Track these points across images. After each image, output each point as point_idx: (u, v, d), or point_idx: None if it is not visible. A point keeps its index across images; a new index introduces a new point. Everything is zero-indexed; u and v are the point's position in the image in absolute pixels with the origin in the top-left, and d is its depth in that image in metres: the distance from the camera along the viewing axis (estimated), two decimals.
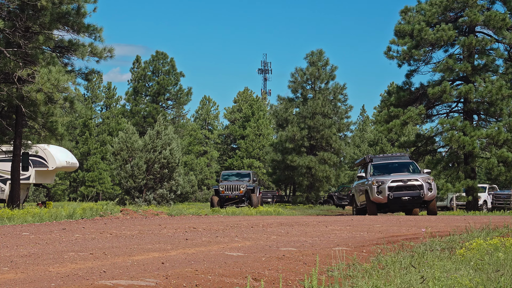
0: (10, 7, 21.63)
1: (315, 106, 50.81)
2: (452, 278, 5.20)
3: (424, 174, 22.89)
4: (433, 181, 22.85)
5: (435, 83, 33.90)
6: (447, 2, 33.75)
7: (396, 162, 24.61)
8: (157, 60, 67.36)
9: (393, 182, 22.48)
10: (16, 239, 8.07)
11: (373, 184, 22.70)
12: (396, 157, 25.07)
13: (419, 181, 22.34)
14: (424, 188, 22.25)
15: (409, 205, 22.76)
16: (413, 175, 22.82)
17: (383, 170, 24.14)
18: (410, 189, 22.37)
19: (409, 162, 24.46)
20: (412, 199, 22.29)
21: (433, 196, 22.43)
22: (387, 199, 22.30)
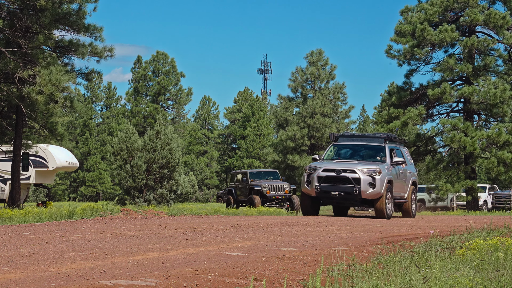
0: (10, 7, 21.63)
1: (314, 106, 50.82)
2: (453, 278, 5.20)
3: (379, 165, 18.11)
4: (388, 175, 18.21)
5: (435, 84, 33.92)
6: (447, 2, 33.76)
7: (364, 146, 19.59)
8: (157, 60, 67.37)
9: (325, 171, 17.98)
10: (16, 239, 8.07)
11: (305, 171, 18.53)
12: (368, 138, 19.80)
13: (357, 174, 17.57)
14: (362, 183, 17.49)
15: (342, 202, 18.69)
16: (359, 165, 18.01)
17: (345, 154, 19.58)
18: (342, 183, 17.76)
19: (380, 146, 19.21)
20: (344, 195, 17.78)
21: (377, 194, 17.64)
22: (315, 192, 18.01)
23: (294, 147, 51.38)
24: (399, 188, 19.19)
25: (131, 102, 67.91)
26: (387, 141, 19.39)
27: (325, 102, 51.57)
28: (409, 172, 20.12)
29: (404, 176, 19.65)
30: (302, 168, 50.86)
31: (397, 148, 19.93)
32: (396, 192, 19.05)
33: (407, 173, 19.91)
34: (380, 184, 17.62)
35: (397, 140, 20.56)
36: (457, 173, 34.35)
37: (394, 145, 19.87)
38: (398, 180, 19.07)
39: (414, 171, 20.96)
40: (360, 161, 18.61)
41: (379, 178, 17.60)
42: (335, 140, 20.05)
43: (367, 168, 17.74)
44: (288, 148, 51.64)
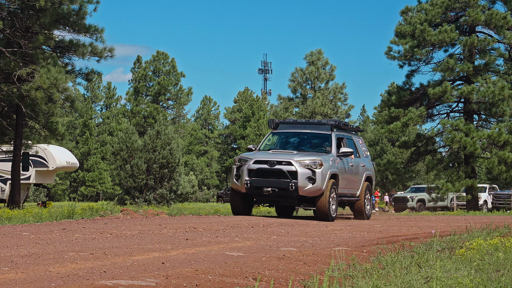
0: (10, 7, 21.64)
1: (314, 106, 50.84)
2: (453, 278, 5.20)
3: (321, 156, 15.41)
4: (333, 168, 15.56)
5: (436, 83, 33.93)
6: (448, 2, 33.78)
7: (307, 134, 16.86)
8: (157, 60, 67.40)
9: (256, 163, 15.24)
10: (16, 239, 8.08)
11: (234, 163, 15.81)
12: (313, 125, 17.03)
13: (294, 167, 14.84)
14: (300, 177, 14.73)
15: (276, 200, 15.78)
16: (297, 156, 15.29)
17: (285, 143, 16.85)
18: (277, 177, 15.01)
19: (325, 135, 16.53)
20: (279, 192, 14.98)
21: (317, 190, 14.92)
22: (245, 187, 15.24)
23: None
24: (348, 184, 16.69)
25: (131, 102, 67.94)
26: (334, 128, 16.78)
27: (325, 102, 51.60)
28: (362, 166, 17.54)
29: (356, 170, 17.14)
30: None
31: (348, 137, 17.35)
32: (345, 189, 16.55)
33: (359, 167, 17.37)
34: (321, 179, 14.85)
35: (349, 128, 17.96)
36: (457, 173, 34.36)
37: (344, 133, 17.22)
38: (347, 175, 16.51)
39: (370, 165, 18.28)
40: (300, 151, 15.92)
41: (320, 171, 14.85)
42: (275, 127, 17.33)
43: (306, 160, 14.97)
44: None
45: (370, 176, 18.04)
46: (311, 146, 16.60)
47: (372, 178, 18.22)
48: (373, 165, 18.72)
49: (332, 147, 16.19)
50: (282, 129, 17.24)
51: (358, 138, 18.36)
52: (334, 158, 15.88)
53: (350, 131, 18.04)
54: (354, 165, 17.03)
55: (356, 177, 17.19)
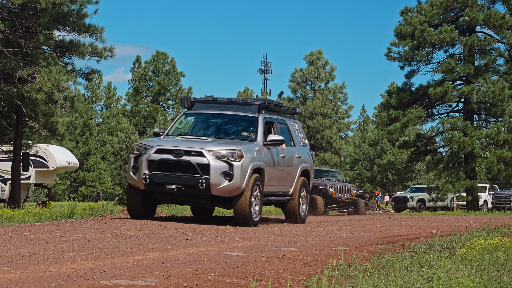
0: (10, 8, 21.65)
1: (314, 106, 50.85)
2: (453, 278, 5.20)
3: (243, 145, 12.30)
4: (258, 160, 12.40)
5: (436, 83, 33.95)
6: (447, 2, 33.80)
7: (228, 116, 13.64)
8: (157, 60, 67.40)
9: (159, 152, 12.14)
10: (16, 239, 8.08)
11: (132, 151, 12.58)
12: (236, 105, 13.67)
13: (205, 158, 11.80)
14: (213, 172, 11.74)
15: (183, 200, 12.93)
16: (211, 144, 12.15)
17: (200, 127, 13.72)
18: (184, 171, 11.93)
19: (250, 118, 13.36)
20: (185, 190, 11.96)
21: (235, 189, 11.85)
22: (143, 183, 12.05)
23: None
24: (279, 179, 13.51)
25: (131, 102, 67.94)
26: (263, 110, 13.52)
27: (325, 102, 51.60)
28: (297, 157, 14.21)
29: (289, 162, 13.86)
30: None
31: (281, 121, 14.21)
32: (274, 186, 13.37)
33: (294, 158, 14.08)
34: (240, 174, 11.82)
35: (283, 110, 14.75)
36: (457, 173, 34.38)
37: (275, 116, 14.07)
38: (277, 168, 13.35)
39: (308, 156, 14.92)
40: (218, 138, 12.89)
41: (239, 165, 11.82)
42: (190, 106, 13.97)
43: (222, 150, 11.94)
44: None
45: (308, 169, 14.68)
46: (232, 132, 13.45)
47: (310, 172, 14.90)
48: (311, 155, 15.23)
49: (258, 133, 12.98)
50: (198, 110, 13.85)
51: (295, 122, 15.06)
52: (260, 147, 12.68)
53: (284, 113, 14.79)
54: (287, 156, 13.68)
55: (289, 171, 13.87)
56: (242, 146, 12.21)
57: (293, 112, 15.49)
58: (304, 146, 15.02)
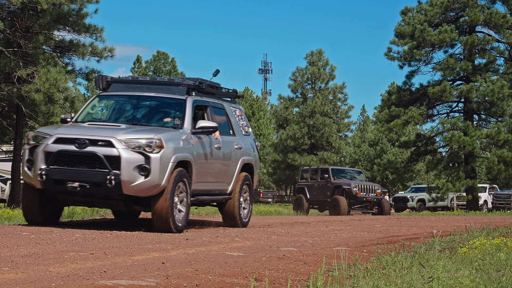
0: (10, 8, 21.67)
1: (314, 105, 50.88)
2: (454, 278, 5.21)
3: (164, 132, 10.16)
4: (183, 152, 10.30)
5: (436, 83, 33.96)
6: (447, 2, 33.83)
7: (151, 99, 11.46)
8: (158, 60, 67.37)
9: (58, 142, 9.89)
10: (16, 239, 8.08)
11: (27, 141, 10.20)
12: (160, 87, 11.46)
13: (115, 149, 9.64)
14: (124, 166, 9.56)
15: (88, 201, 10.53)
16: (123, 132, 9.97)
17: (117, 112, 11.57)
18: (88, 165, 9.71)
19: (177, 101, 11.20)
20: (90, 188, 9.69)
21: (153, 186, 9.69)
22: (39, 181, 9.81)
23: (295, 147, 51.46)
24: (213, 175, 11.48)
25: None
26: (193, 91, 11.41)
27: (325, 102, 51.66)
28: (237, 148, 12.11)
29: (226, 155, 11.78)
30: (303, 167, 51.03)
31: (217, 105, 12.09)
32: (207, 183, 11.33)
33: (232, 150, 11.96)
34: (160, 169, 9.72)
35: (220, 92, 12.52)
36: (457, 173, 34.39)
37: (210, 100, 11.88)
38: (211, 162, 11.27)
39: (251, 147, 12.80)
40: (135, 125, 10.79)
41: (158, 157, 9.71)
42: (106, 87, 11.66)
43: (138, 138, 9.76)
44: (288, 148, 51.72)
45: (251, 163, 12.60)
46: (154, 118, 11.28)
47: (254, 166, 12.77)
48: (257, 147, 13.10)
49: (185, 119, 10.85)
50: (115, 91, 11.60)
51: (235, 107, 12.87)
52: (188, 136, 10.61)
53: (222, 96, 12.60)
54: (224, 147, 11.64)
55: (226, 165, 11.74)
56: (163, 134, 10.00)
57: (233, 95, 13.04)
58: (246, 135, 12.84)
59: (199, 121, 10.92)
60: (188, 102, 11.12)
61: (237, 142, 12.18)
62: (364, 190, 26.78)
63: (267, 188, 69.98)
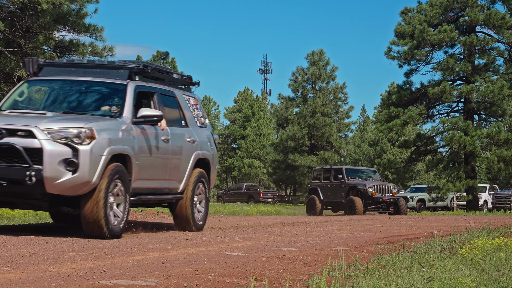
0: (10, 8, 21.68)
1: (315, 106, 50.89)
2: (454, 278, 5.21)
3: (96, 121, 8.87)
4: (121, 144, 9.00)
5: (435, 83, 33.99)
6: (447, 2, 33.84)
7: (87, 84, 10.01)
8: (158, 60, 67.40)
9: None
10: (16, 239, 8.07)
11: None
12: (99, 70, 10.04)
13: (37, 140, 8.37)
14: (47, 160, 8.31)
15: (9, 202, 9.13)
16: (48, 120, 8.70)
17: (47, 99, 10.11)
18: (5, 160, 8.41)
19: (118, 86, 9.77)
20: (7, 186, 8.38)
21: (82, 184, 8.42)
22: None
23: (295, 147, 51.45)
24: (159, 171, 10.08)
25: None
26: (136, 75, 10.03)
27: (326, 102, 51.67)
28: (190, 141, 10.72)
29: (176, 149, 10.38)
30: (303, 167, 51.02)
31: (166, 92, 10.67)
32: (151, 181, 9.95)
33: (184, 143, 10.60)
34: (90, 163, 8.44)
35: (170, 78, 11.12)
36: (457, 173, 34.40)
37: (157, 86, 10.44)
38: (156, 156, 9.89)
39: (207, 141, 11.37)
40: (65, 113, 9.36)
41: (88, 149, 8.46)
42: (37, 71, 10.23)
43: (64, 128, 8.50)
44: (288, 148, 51.71)
45: (207, 158, 11.21)
46: (90, 106, 9.86)
47: (211, 161, 11.37)
48: (215, 140, 11.76)
49: (125, 106, 9.45)
50: (46, 76, 10.19)
51: (189, 96, 11.44)
52: (128, 126, 9.26)
53: (172, 82, 11.15)
54: (173, 139, 10.27)
55: (176, 159, 10.38)
56: (95, 123, 8.70)
57: (188, 82, 11.63)
58: (202, 127, 11.42)
59: (140, 109, 9.51)
60: (129, 88, 9.69)
61: (190, 135, 10.77)
62: (380, 190, 26.25)
63: (267, 188, 70.00)
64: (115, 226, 8.70)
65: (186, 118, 10.94)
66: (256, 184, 60.42)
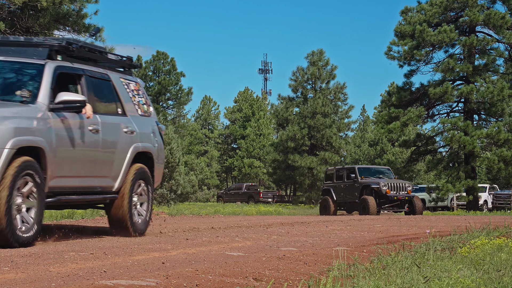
0: (11, 8, 21.68)
1: (315, 106, 50.88)
2: (454, 278, 5.20)
3: None
4: (20, 133, 7.41)
5: (436, 83, 34.02)
6: (447, 2, 33.86)
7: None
8: (157, 60, 67.42)
9: None
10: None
11: None
12: (14, 47, 8.58)
13: None
14: None
15: None
16: None
17: None
18: None
19: (34, 66, 8.33)
20: None
21: None
22: None
23: (295, 147, 51.45)
24: (86, 167, 8.66)
25: None
26: (58, 55, 8.55)
27: (326, 102, 51.66)
28: (127, 131, 9.23)
29: (109, 141, 8.94)
30: (303, 168, 51.00)
31: (98, 75, 9.13)
32: (76, 178, 8.55)
33: (120, 134, 9.13)
34: None
35: (103, 58, 9.46)
36: (457, 173, 34.39)
37: (85, 67, 8.92)
38: (82, 149, 8.46)
39: (149, 131, 9.83)
40: None
41: None
42: None
43: None
44: (288, 148, 51.71)
45: (150, 152, 9.69)
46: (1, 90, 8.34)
47: (156, 156, 9.83)
48: (160, 131, 10.25)
49: (40, 90, 8.08)
50: None
51: (130, 80, 9.92)
52: (44, 113, 7.89)
53: (108, 64, 9.58)
54: (104, 130, 8.82)
55: (107, 153, 8.91)
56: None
57: (127, 63, 10.06)
58: (145, 116, 9.89)
59: (59, 94, 8.08)
60: (47, 69, 8.23)
61: (127, 124, 9.26)
62: (394, 188, 25.37)
63: (267, 188, 70.01)
64: (22, 230, 7.37)
65: (122, 105, 9.39)
66: (256, 184, 60.46)
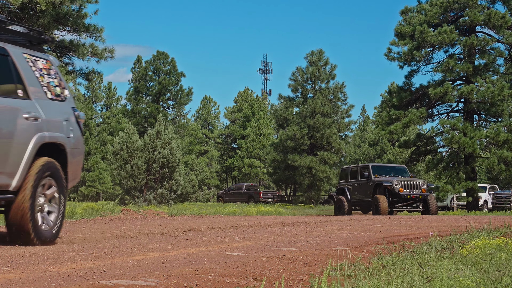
0: (10, 8, 21.68)
1: (315, 106, 50.88)
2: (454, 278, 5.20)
3: None
4: None
5: (436, 84, 34.00)
6: (447, 2, 33.84)
7: None
8: (158, 60, 67.42)
9: None
10: None
11: None
12: None
13: None
14: None
15: None
16: None
17: None
18: None
19: None
20: None
21: None
22: None
23: (294, 147, 51.45)
24: None
25: (132, 102, 67.99)
26: None
27: (325, 102, 51.65)
28: (28, 118, 7.54)
29: (5, 130, 7.25)
30: (303, 168, 50.98)
31: None
32: None
33: (18, 121, 7.41)
34: None
35: (3, 29, 7.68)
36: (457, 174, 34.38)
37: None
38: None
39: (61, 118, 8.14)
40: None
41: None
42: None
43: None
44: (288, 148, 51.71)
45: (61, 143, 8.05)
46: None
47: (68, 148, 8.13)
48: (78, 119, 8.55)
49: None
50: None
51: (38, 57, 8.25)
52: None
53: (9, 37, 7.83)
54: None
55: (2, 145, 7.20)
56: None
57: (34, 37, 8.27)
58: (57, 100, 8.23)
59: None
60: None
61: (30, 109, 7.60)
62: (407, 186, 24.40)
63: (267, 188, 69.99)
64: None
65: (26, 86, 7.72)
66: (256, 184, 60.45)
